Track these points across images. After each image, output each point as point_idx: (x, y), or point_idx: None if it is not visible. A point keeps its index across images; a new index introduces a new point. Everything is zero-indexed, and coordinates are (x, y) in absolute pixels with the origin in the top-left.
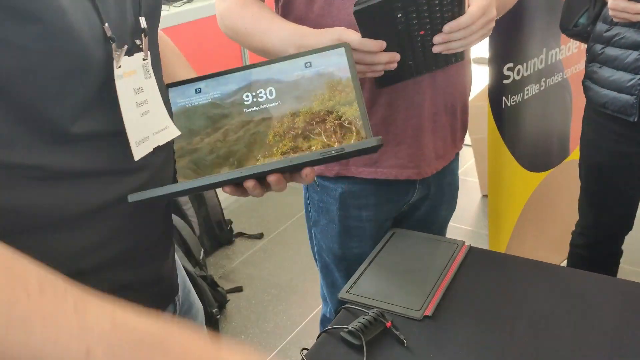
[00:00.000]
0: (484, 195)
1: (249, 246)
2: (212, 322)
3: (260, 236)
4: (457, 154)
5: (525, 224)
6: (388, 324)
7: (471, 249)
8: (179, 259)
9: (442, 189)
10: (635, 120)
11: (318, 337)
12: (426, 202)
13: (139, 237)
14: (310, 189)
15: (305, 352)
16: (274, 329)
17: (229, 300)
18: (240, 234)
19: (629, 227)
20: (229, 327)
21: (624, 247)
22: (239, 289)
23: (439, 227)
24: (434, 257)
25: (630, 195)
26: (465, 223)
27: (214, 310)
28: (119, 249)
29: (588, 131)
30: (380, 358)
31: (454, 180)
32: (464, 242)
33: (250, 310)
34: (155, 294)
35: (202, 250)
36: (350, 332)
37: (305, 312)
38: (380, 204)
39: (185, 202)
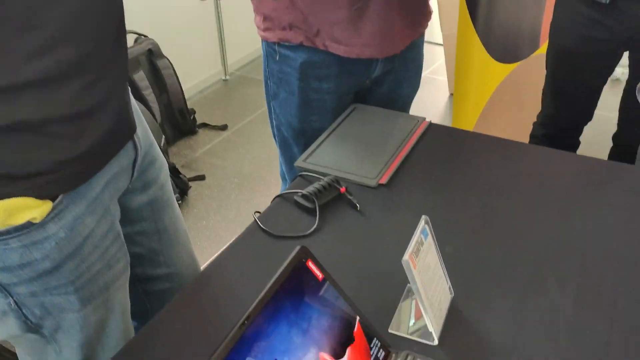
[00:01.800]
0: (452, 94)
1: (213, 137)
2: None
3: (224, 127)
4: (423, 35)
5: (489, 116)
6: (342, 190)
7: (431, 125)
8: None
9: (406, 64)
10: (608, 2)
11: (272, 201)
12: (389, 77)
13: (92, 39)
14: (270, 60)
15: (257, 214)
16: (235, 217)
17: (190, 187)
18: (204, 125)
19: (589, 117)
20: (190, 214)
21: (581, 138)
22: (201, 177)
23: (402, 105)
24: (394, 130)
25: (595, 84)
26: (431, 120)
27: (175, 196)
28: (72, 53)
29: (559, 16)
30: (333, 221)
31: (418, 57)
32: (424, 118)
33: (212, 198)
34: (113, 125)
35: (164, 137)
36: (304, 196)
37: (267, 202)
38: (342, 76)
39: (146, 87)
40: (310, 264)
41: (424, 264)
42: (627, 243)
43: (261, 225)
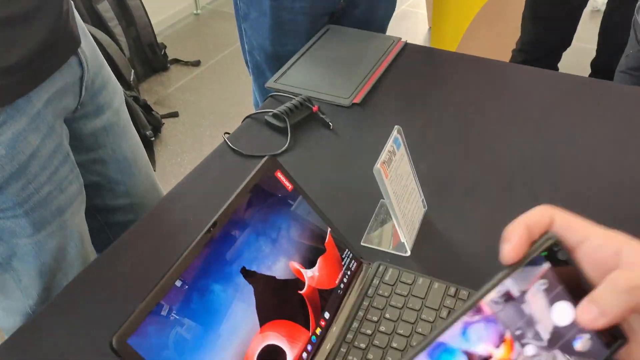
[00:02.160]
0: (431, 28)
1: (186, 73)
2: (147, 145)
3: (197, 63)
4: None
5: (467, 45)
6: (315, 108)
7: (407, 45)
8: None
9: None
10: None
11: (242, 122)
12: None
13: None
14: None
15: (227, 135)
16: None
17: (164, 124)
18: (176, 61)
19: (568, 42)
20: (164, 151)
21: (560, 69)
22: (174, 114)
23: (378, 27)
24: (368, 51)
25: (576, 6)
26: None
27: (147, 133)
28: None
29: None
30: (305, 140)
31: None
32: (400, 38)
33: (186, 135)
34: (50, 34)
35: (133, 71)
36: (275, 115)
37: None
38: None
39: (111, 19)
40: (279, 175)
41: (396, 174)
42: (601, 158)
43: (230, 145)
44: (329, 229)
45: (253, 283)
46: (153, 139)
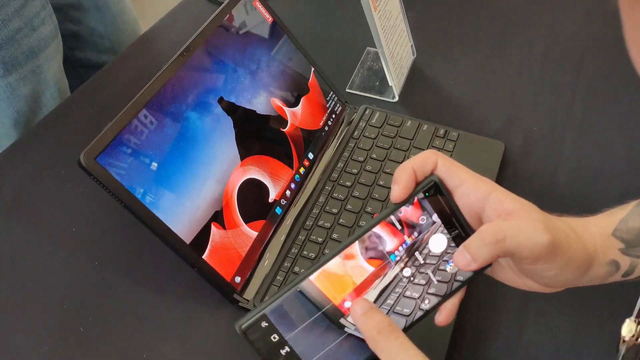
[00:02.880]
0: None
1: None
2: None
3: None
4: None
5: None
6: None
7: None
8: None
9: None
10: None
11: None
12: None
13: None
14: None
15: None
16: None
17: None
18: None
19: None
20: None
21: None
22: None
23: None
24: None
25: None
26: None
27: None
28: None
29: None
30: None
31: None
32: None
33: None
34: None
35: None
36: None
37: None
38: None
39: None
40: (258, 5)
41: (385, 9)
42: (599, 3)
43: None
44: (313, 69)
45: (231, 114)
46: None
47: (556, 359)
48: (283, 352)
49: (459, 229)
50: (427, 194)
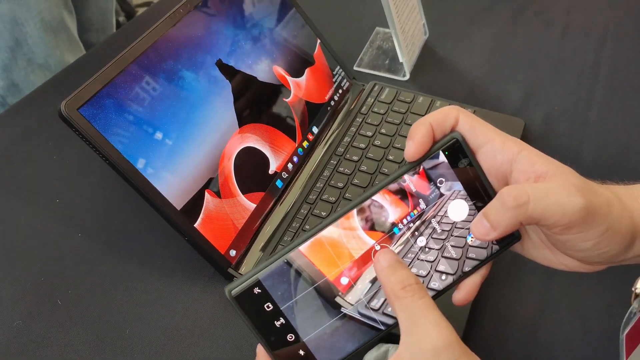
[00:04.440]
0: None
1: None
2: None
3: None
4: None
5: None
6: None
7: None
8: None
9: None
10: None
11: None
12: None
13: None
14: None
15: None
16: None
17: (137, 12)
18: None
19: None
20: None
21: None
22: (148, 4)
23: None
24: None
25: None
26: None
27: (120, 19)
28: None
29: None
30: None
31: None
32: None
33: None
34: None
35: None
36: None
37: None
38: None
39: None
40: None
41: None
42: None
43: None
44: (319, 41)
45: (230, 78)
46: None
47: (584, 340)
48: (277, 323)
49: (482, 194)
50: (446, 153)
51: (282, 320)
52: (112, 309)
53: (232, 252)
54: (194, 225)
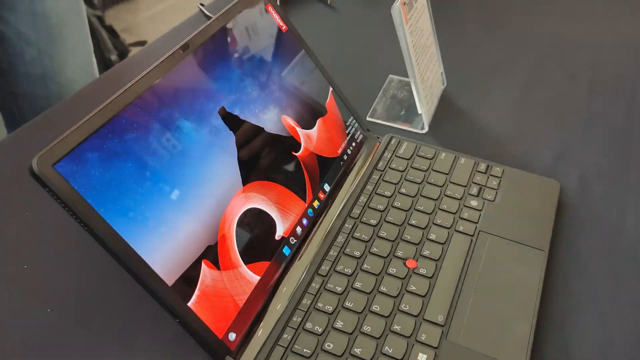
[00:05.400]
0: None
1: (158, 1)
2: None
3: None
4: None
5: None
6: None
7: None
8: None
9: None
10: None
11: None
12: None
13: None
14: None
15: (202, 5)
16: None
17: (130, 50)
18: None
19: None
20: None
21: None
22: (142, 43)
23: None
24: None
25: None
26: None
27: (112, 57)
28: None
29: None
30: (300, 16)
31: None
32: None
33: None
34: None
35: None
36: None
37: None
38: None
39: None
40: (271, 9)
41: (416, 26)
42: None
43: (206, 12)
44: (331, 89)
45: (234, 129)
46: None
47: None
48: None
49: None
50: None
51: None
52: None
53: (232, 336)
54: (187, 304)
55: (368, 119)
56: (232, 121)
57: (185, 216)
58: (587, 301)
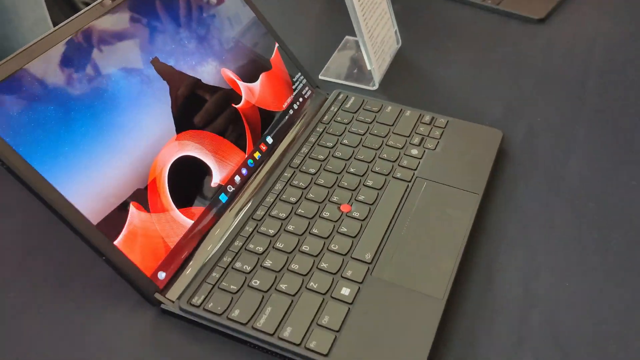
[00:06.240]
0: None
1: None
2: None
3: None
4: None
5: None
6: None
7: None
8: None
9: None
10: None
11: None
12: None
13: None
14: None
15: None
16: None
17: None
18: None
19: None
20: None
21: None
22: None
23: None
24: None
25: None
26: None
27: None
28: None
29: None
30: None
31: None
32: None
33: None
34: None
35: None
36: None
37: None
38: None
39: None
40: None
41: None
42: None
43: None
44: (277, 44)
45: (168, 79)
46: None
47: None
48: None
49: None
50: None
51: None
52: (22, 338)
53: (161, 275)
54: (114, 243)
55: (320, 77)
56: (165, 71)
57: (112, 160)
58: (518, 242)
